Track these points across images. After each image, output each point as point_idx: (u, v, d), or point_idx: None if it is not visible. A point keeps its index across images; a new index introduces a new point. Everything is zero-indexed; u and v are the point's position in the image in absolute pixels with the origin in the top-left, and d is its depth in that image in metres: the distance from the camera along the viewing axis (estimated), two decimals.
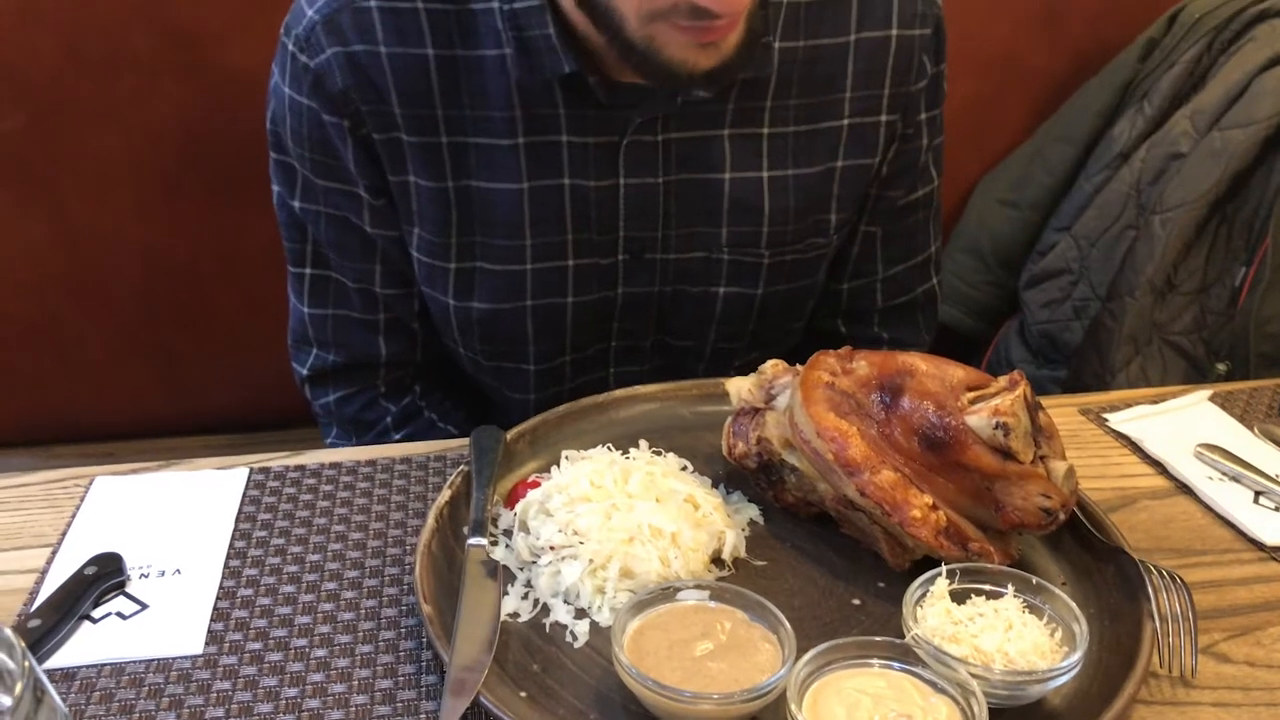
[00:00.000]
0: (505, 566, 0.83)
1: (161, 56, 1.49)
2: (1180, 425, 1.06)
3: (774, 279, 1.12)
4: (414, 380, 1.18)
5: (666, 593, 0.75)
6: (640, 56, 0.89)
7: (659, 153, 1.03)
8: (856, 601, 0.82)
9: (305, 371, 1.17)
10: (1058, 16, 1.84)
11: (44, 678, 0.49)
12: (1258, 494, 0.96)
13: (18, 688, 0.46)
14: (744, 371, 1.23)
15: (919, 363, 0.86)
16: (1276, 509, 0.94)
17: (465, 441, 1.02)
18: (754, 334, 1.17)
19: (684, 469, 0.91)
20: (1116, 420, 1.07)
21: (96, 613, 0.80)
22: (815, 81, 1.05)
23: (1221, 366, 1.49)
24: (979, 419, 0.80)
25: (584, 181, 1.03)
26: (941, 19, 1.09)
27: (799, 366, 0.91)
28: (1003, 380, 0.84)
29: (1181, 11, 1.68)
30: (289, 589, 0.83)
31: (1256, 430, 1.06)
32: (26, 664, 0.47)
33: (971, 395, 0.84)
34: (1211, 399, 1.11)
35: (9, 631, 0.47)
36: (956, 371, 0.86)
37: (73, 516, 0.90)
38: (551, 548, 0.81)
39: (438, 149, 1.01)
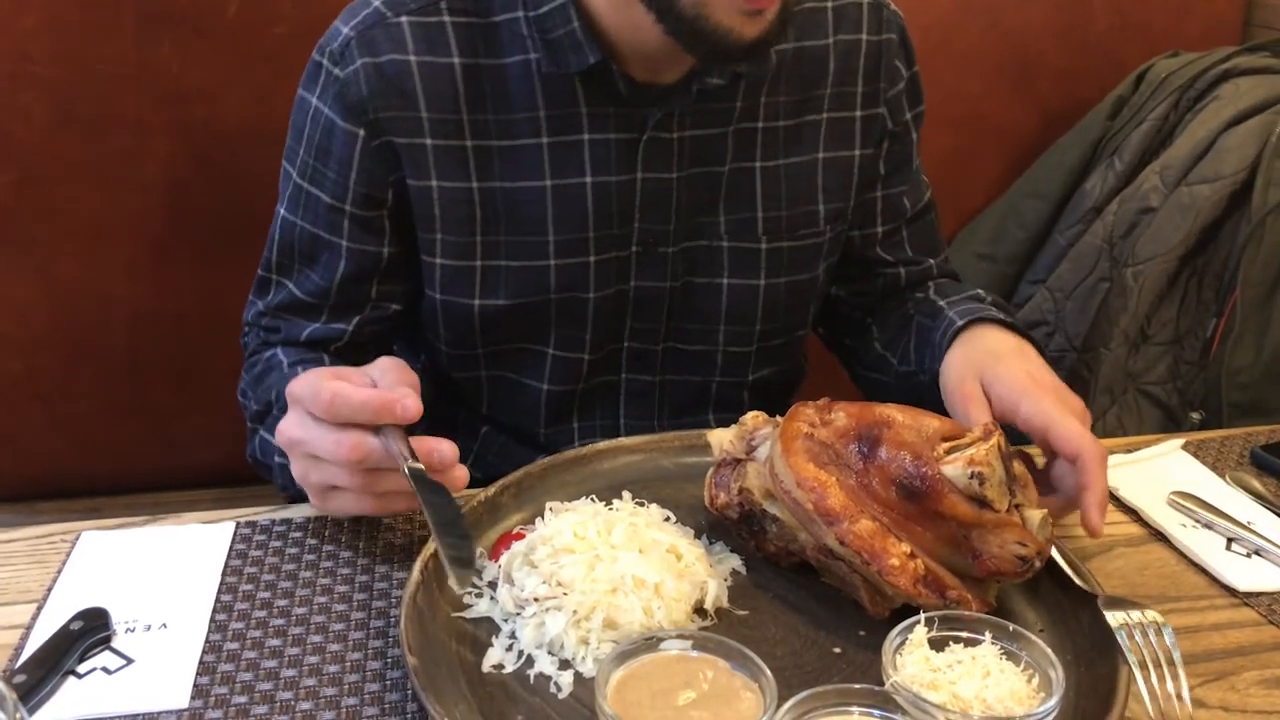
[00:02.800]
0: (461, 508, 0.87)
1: (151, 116, 1.52)
2: (1154, 473, 1.08)
3: (774, 270, 1.18)
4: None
5: (649, 643, 0.76)
6: (689, 27, 0.95)
7: (674, 149, 1.10)
8: (837, 649, 0.83)
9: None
10: (1029, 75, 1.89)
11: None
12: (1230, 540, 0.98)
13: None
14: (756, 391, 1.25)
15: (896, 414, 0.88)
16: (1248, 555, 0.96)
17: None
18: (761, 336, 1.21)
19: (667, 520, 0.92)
20: None
21: (82, 668, 0.80)
22: (801, 79, 1.16)
23: (1195, 415, 1.52)
24: (954, 468, 0.82)
25: (605, 178, 1.10)
26: (904, 27, 1.21)
27: (779, 418, 0.93)
28: (977, 430, 0.86)
29: (1148, 71, 1.74)
30: (275, 642, 0.83)
31: (1228, 478, 1.08)
32: (18, 715, 0.48)
33: (947, 445, 0.85)
34: (1184, 448, 1.14)
35: (1, 684, 0.48)
36: (932, 422, 0.87)
37: (59, 572, 0.91)
38: (536, 599, 0.82)
39: (463, 151, 1.07)
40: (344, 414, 0.86)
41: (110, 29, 1.47)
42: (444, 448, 0.87)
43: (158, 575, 0.90)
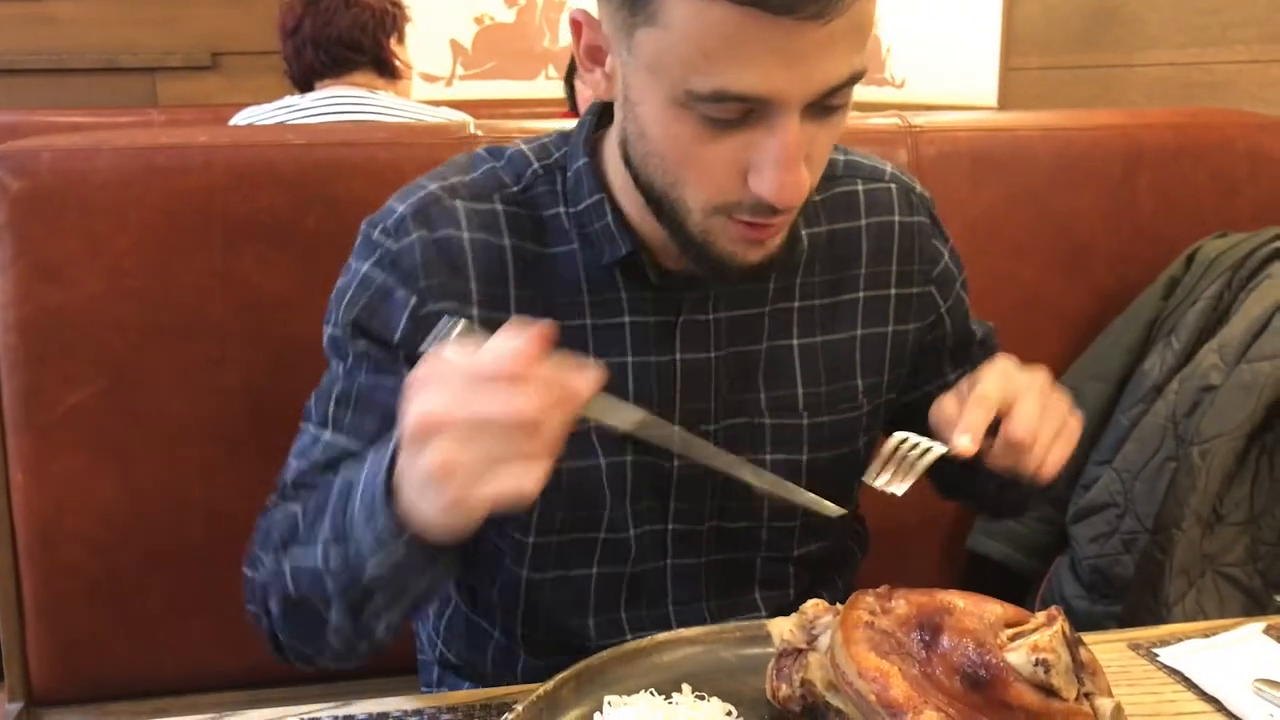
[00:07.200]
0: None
1: (232, 324, 1.60)
2: (1234, 659, 1.04)
3: (815, 445, 1.21)
4: None
5: None
6: (696, 249, 1.03)
7: (710, 329, 1.15)
8: None
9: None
10: (1081, 260, 1.92)
11: None
12: None
13: None
14: (802, 566, 1.24)
15: (957, 600, 0.87)
16: None
17: (511, 689, 1.03)
18: (805, 510, 1.18)
19: (729, 714, 0.91)
20: (1167, 655, 1.05)
21: None
22: (835, 260, 1.21)
23: None
24: (1019, 656, 0.80)
25: (646, 358, 1.14)
26: (933, 209, 1.28)
27: (839, 606, 0.92)
28: (1041, 616, 0.85)
29: (1198, 252, 1.76)
30: None
31: None
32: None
33: (1010, 632, 0.84)
34: (1266, 631, 1.10)
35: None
36: (994, 608, 0.86)
37: None
38: None
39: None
40: (526, 369, 0.81)
41: (198, 243, 1.58)
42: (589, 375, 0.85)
43: None
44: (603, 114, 1.13)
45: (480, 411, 0.80)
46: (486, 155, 1.18)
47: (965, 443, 1.00)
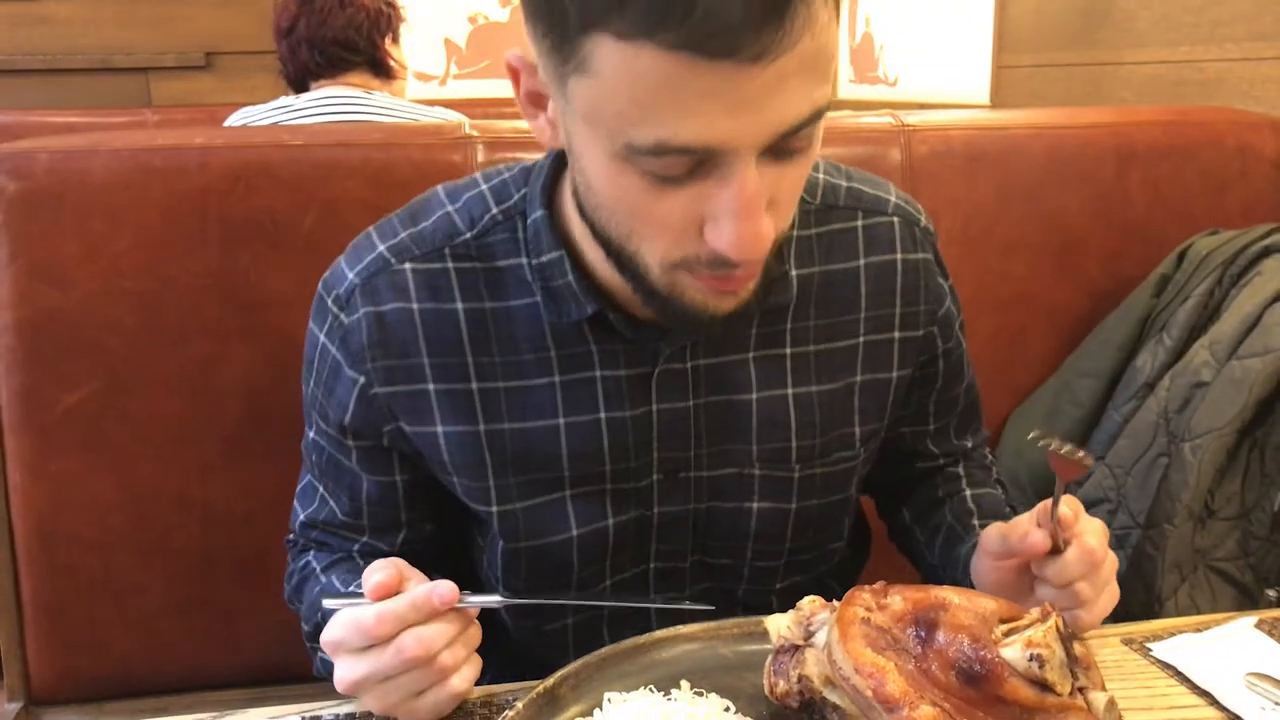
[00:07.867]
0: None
1: (229, 324, 1.61)
2: (1227, 653, 1.05)
3: (806, 494, 1.16)
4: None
5: None
6: (662, 302, 0.95)
7: (689, 378, 1.10)
8: None
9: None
10: (1073, 256, 1.93)
11: None
12: None
13: None
14: (785, 596, 1.24)
15: (952, 596, 0.88)
16: None
17: (510, 686, 1.03)
18: (790, 551, 1.19)
19: (727, 710, 0.92)
20: (1160, 650, 1.06)
21: None
22: (831, 303, 1.14)
23: (1272, 593, 1.48)
24: (1013, 651, 0.81)
25: (619, 413, 1.09)
26: (935, 241, 1.20)
27: (835, 603, 0.93)
28: (1035, 612, 0.86)
29: (1189, 249, 1.77)
30: None
31: None
32: None
33: (1005, 628, 0.85)
34: (1258, 625, 1.11)
35: None
36: (988, 603, 0.87)
37: None
38: None
39: (468, 395, 1.08)
40: (394, 627, 0.89)
41: (195, 244, 1.58)
42: (441, 589, 0.92)
43: None
44: (561, 157, 1.04)
45: (379, 670, 0.90)
46: (444, 198, 1.10)
47: (1066, 511, 1.00)
